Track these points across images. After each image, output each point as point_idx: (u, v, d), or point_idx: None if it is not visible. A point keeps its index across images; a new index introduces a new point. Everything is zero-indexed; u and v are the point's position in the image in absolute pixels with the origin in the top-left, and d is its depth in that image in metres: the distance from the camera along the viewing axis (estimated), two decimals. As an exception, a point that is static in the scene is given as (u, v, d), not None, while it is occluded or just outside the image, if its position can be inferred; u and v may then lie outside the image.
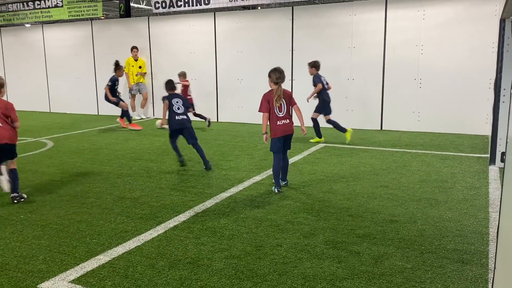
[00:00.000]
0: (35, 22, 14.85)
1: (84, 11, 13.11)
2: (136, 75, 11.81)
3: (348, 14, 9.62)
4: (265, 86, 11.11)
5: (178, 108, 6.30)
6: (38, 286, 2.97)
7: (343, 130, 8.00)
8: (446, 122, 9.07)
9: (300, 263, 3.26)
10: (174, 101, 6.33)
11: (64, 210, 4.55)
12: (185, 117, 6.35)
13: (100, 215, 4.38)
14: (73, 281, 3.02)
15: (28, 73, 14.63)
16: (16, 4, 14.42)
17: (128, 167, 6.45)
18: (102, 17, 13.45)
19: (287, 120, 5.13)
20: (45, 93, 14.41)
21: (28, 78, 14.69)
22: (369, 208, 4.49)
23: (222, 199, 4.83)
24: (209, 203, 4.69)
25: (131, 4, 14.44)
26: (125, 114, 10.20)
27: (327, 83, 8.13)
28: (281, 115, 5.08)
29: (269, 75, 5.18)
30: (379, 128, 9.72)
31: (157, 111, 12.26)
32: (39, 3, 13.99)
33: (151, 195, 5.05)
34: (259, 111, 5.14)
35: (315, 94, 8.03)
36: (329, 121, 8.08)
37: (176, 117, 6.27)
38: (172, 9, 11.73)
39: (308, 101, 8.19)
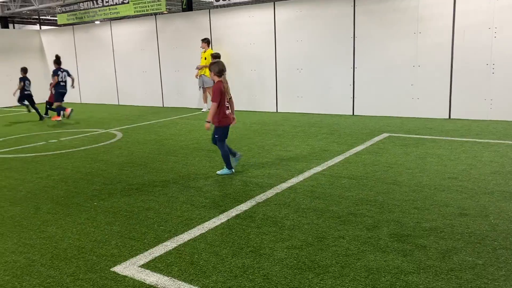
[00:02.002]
0: (104, 19, 15.62)
1: (148, 7, 13.58)
2: (196, 68, 11.85)
3: (413, -3, 9.20)
4: (326, 75, 10.98)
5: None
6: (111, 269, 3.16)
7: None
8: (523, 110, 8.45)
9: (363, 256, 3.21)
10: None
11: (133, 198, 4.79)
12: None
13: (167, 203, 4.56)
14: (142, 266, 3.18)
15: (98, 68, 15.47)
16: (86, 2, 15.24)
17: (192, 157, 6.65)
18: (165, 12, 13.86)
19: (230, 110, 5.46)
20: (113, 87, 15.17)
21: (98, 73, 15.54)
22: (437, 201, 4.31)
23: (282, 190, 4.85)
24: (270, 193, 4.73)
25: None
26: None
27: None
28: (227, 105, 5.41)
29: (210, 68, 5.37)
30: (447, 117, 9.26)
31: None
32: (107, 0, 14.69)
33: (213, 184, 5.17)
34: (214, 101, 5.29)
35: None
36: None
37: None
38: (232, 1, 11.84)
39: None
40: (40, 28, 22.63)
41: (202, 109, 12.31)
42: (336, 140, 7.43)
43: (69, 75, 11.45)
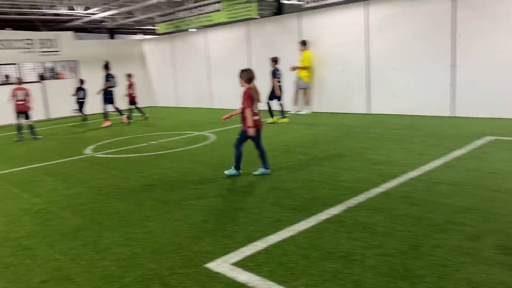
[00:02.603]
0: (199, 26, 16.40)
1: (240, 13, 13.98)
2: (291, 69, 11.79)
3: (523, -13, 8.39)
4: (423, 74, 10.43)
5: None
6: (204, 265, 3.31)
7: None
8: None
9: (463, 267, 2.99)
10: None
11: (226, 197, 4.97)
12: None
13: (256, 204, 4.66)
14: (234, 264, 3.29)
15: (194, 74, 16.27)
16: (183, 12, 16.14)
17: (280, 159, 6.71)
18: (257, 17, 14.17)
19: (259, 115, 5.72)
20: (207, 91, 15.85)
21: (194, 78, 16.34)
22: (551, 212, 3.88)
23: (374, 194, 4.69)
24: (361, 198, 4.61)
25: (282, 1, 14.92)
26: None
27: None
28: (256, 111, 5.67)
29: (241, 76, 5.63)
30: None
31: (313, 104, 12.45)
32: (202, 9, 15.42)
33: (302, 187, 5.17)
34: (246, 106, 5.54)
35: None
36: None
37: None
38: (323, 2, 11.75)
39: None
40: (142, 37, 24.37)
41: (300, 111, 12.24)
42: (434, 144, 7.01)
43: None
